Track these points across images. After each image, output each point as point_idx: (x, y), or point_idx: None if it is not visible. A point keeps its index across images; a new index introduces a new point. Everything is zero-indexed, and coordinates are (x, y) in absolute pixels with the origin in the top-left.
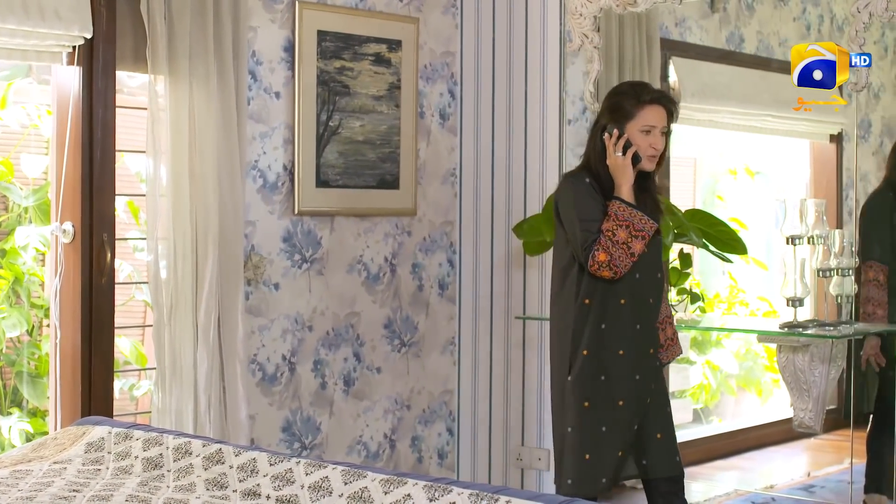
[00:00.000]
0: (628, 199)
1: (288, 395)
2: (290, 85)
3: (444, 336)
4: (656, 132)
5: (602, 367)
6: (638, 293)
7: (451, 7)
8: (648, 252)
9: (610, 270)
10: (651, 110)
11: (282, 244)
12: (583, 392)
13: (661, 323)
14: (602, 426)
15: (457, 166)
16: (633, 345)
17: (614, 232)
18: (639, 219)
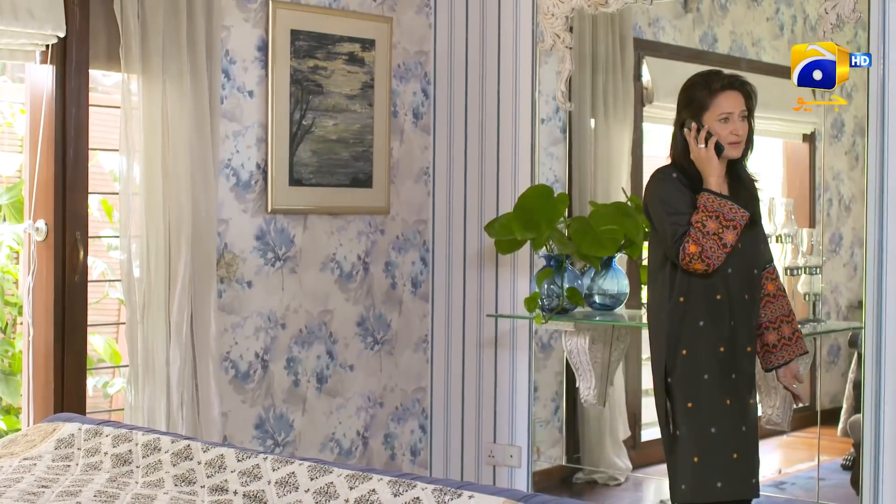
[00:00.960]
0: (717, 189)
1: (261, 393)
2: (264, 84)
3: (417, 334)
4: (735, 118)
5: (703, 366)
6: (733, 289)
7: (425, 7)
8: (742, 246)
9: (702, 263)
10: (725, 97)
11: (255, 242)
12: (686, 393)
13: (774, 322)
14: (711, 427)
15: (430, 165)
16: (730, 342)
17: (704, 223)
18: (729, 208)
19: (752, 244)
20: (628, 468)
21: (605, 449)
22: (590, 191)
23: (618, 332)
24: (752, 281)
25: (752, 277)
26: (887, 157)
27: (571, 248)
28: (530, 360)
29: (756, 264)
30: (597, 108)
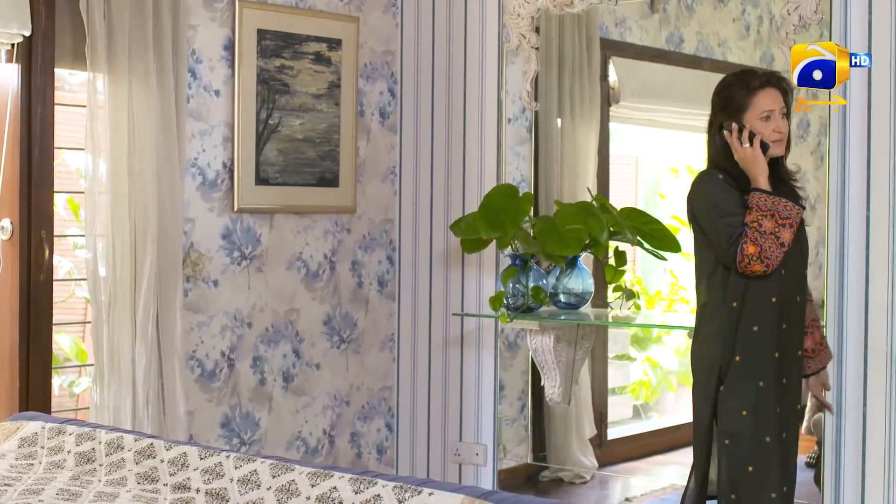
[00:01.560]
0: (766, 188)
1: (227, 392)
2: (230, 83)
3: (384, 332)
4: (776, 115)
5: (758, 372)
6: (787, 291)
7: (392, 6)
8: (794, 251)
9: (761, 264)
10: (764, 95)
11: (221, 241)
12: (740, 400)
13: (808, 326)
14: (766, 436)
15: (396, 164)
16: (783, 347)
17: (760, 222)
18: (783, 206)
19: (799, 246)
20: (594, 466)
21: (571, 447)
22: (556, 190)
23: (583, 330)
24: (801, 282)
25: (801, 278)
26: (848, 157)
27: (536, 248)
28: (496, 359)
29: (804, 265)
30: (563, 108)
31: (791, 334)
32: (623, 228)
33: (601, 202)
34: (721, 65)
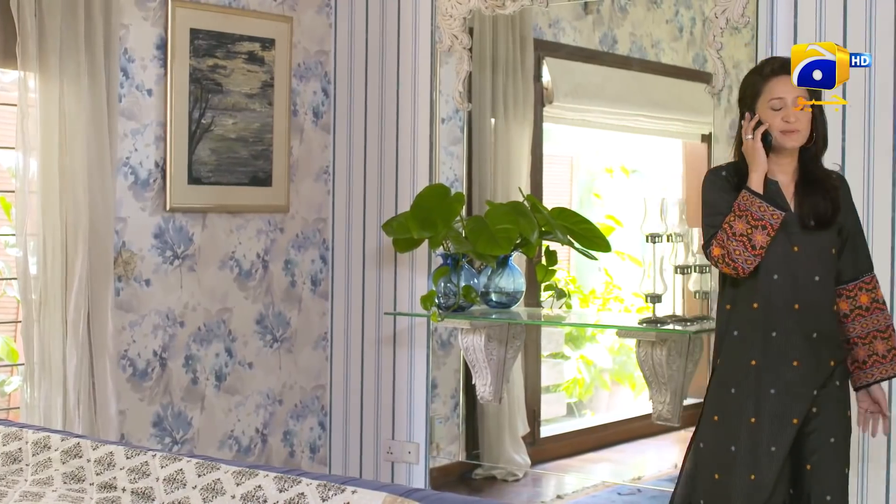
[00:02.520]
0: (756, 186)
1: (159, 391)
2: (163, 82)
3: (317, 331)
4: (788, 104)
5: (732, 378)
6: (777, 297)
7: (325, 6)
8: (798, 250)
9: (728, 266)
10: (777, 82)
11: (153, 240)
12: (713, 405)
13: (864, 337)
14: (731, 445)
15: (330, 164)
16: (766, 355)
17: (732, 224)
18: (758, 206)
19: (816, 249)
20: (527, 464)
21: (504, 445)
22: (490, 189)
23: (514, 329)
24: (809, 289)
25: (809, 285)
26: None
27: (467, 247)
28: (428, 358)
29: (819, 271)
30: (497, 108)
31: (783, 343)
32: (554, 228)
33: (532, 202)
34: (654, 66)
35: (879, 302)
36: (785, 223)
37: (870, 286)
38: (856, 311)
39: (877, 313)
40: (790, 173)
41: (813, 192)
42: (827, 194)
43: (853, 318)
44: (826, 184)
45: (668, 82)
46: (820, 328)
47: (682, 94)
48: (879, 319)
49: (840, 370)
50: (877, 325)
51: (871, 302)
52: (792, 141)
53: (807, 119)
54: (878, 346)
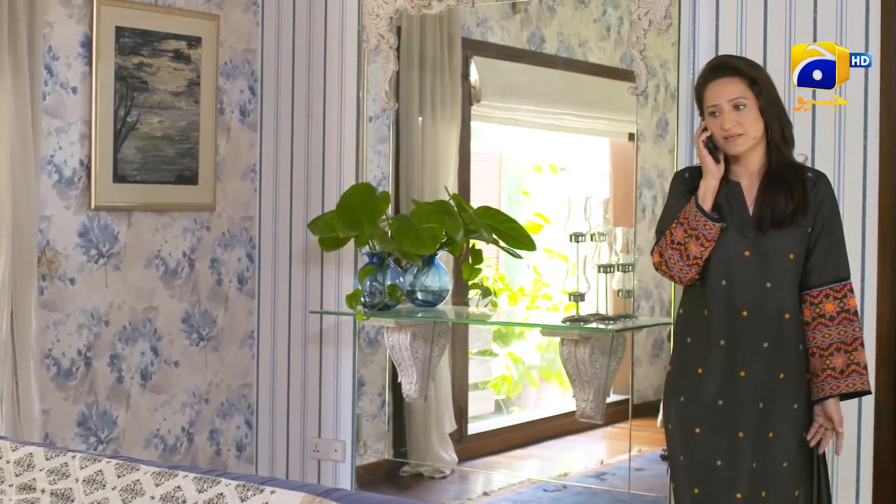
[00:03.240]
0: (702, 195)
1: (84, 390)
2: (88, 80)
3: (243, 330)
4: (724, 110)
5: (682, 386)
6: (727, 304)
7: (252, 5)
8: (751, 254)
9: (665, 274)
10: (712, 88)
11: (78, 239)
12: (667, 412)
13: (825, 349)
14: (681, 455)
15: (256, 162)
16: (713, 364)
17: (672, 231)
18: (693, 215)
19: (773, 253)
20: (454, 461)
21: (431, 442)
22: (417, 188)
23: (439, 328)
24: (759, 295)
25: (760, 291)
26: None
27: (393, 246)
28: (354, 356)
29: (773, 276)
30: (424, 107)
31: (730, 352)
32: (479, 227)
33: (458, 201)
34: (582, 65)
35: (850, 312)
36: (741, 226)
37: (839, 294)
38: (817, 319)
39: (844, 324)
40: (755, 173)
41: (774, 191)
42: (790, 193)
43: (813, 327)
44: (793, 182)
45: (596, 81)
46: (770, 338)
47: (610, 93)
48: (846, 331)
49: (796, 386)
50: (842, 336)
51: (838, 311)
52: (735, 147)
53: (751, 119)
54: (836, 359)
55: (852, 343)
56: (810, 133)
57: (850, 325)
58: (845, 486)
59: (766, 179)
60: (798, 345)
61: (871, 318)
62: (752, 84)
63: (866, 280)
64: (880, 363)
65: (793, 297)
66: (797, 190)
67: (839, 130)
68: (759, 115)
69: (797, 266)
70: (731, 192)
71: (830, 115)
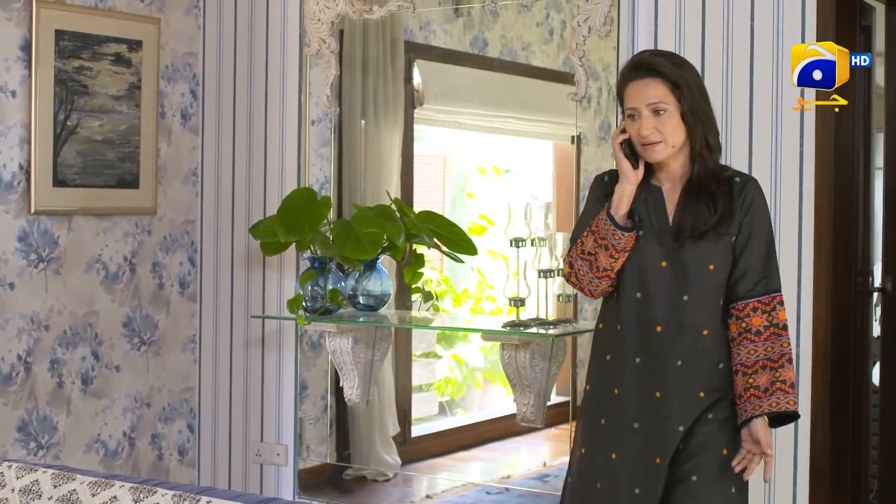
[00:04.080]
0: (616, 202)
1: (23, 395)
2: (27, 84)
3: (185, 334)
4: (642, 114)
5: (598, 407)
6: (641, 318)
7: (194, 8)
8: (667, 266)
9: (575, 286)
10: (631, 89)
11: (17, 244)
12: (580, 436)
13: (750, 366)
14: (597, 482)
15: (198, 166)
16: (629, 384)
17: (584, 241)
18: (604, 224)
19: (692, 264)
20: (397, 464)
21: (374, 445)
22: (360, 191)
23: (381, 332)
24: (675, 309)
25: (676, 305)
26: None
27: (334, 251)
28: (296, 360)
29: (691, 289)
30: (367, 110)
31: (646, 370)
32: (420, 232)
33: (399, 205)
34: (525, 68)
35: (779, 327)
36: (659, 234)
37: (768, 307)
38: (743, 335)
39: (772, 339)
40: (678, 179)
41: (696, 202)
42: (713, 204)
43: (739, 343)
44: (716, 192)
45: (539, 84)
46: (687, 355)
47: (553, 96)
48: (773, 347)
49: (721, 405)
50: (768, 352)
51: (766, 326)
52: (653, 155)
53: (672, 126)
54: (761, 377)
55: (779, 360)
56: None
57: (779, 340)
58: (782, 491)
59: (687, 190)
60: (718, 363)
61: (808, 324)
62: (675, 88)
63: (803, 286)
64: (816, 367)
65: (713, 311)
66: (721, 199)
67: (776, 134)
68: (681, 120)
69: (718, 278)
70: (651, 198)
71: (767, 121)
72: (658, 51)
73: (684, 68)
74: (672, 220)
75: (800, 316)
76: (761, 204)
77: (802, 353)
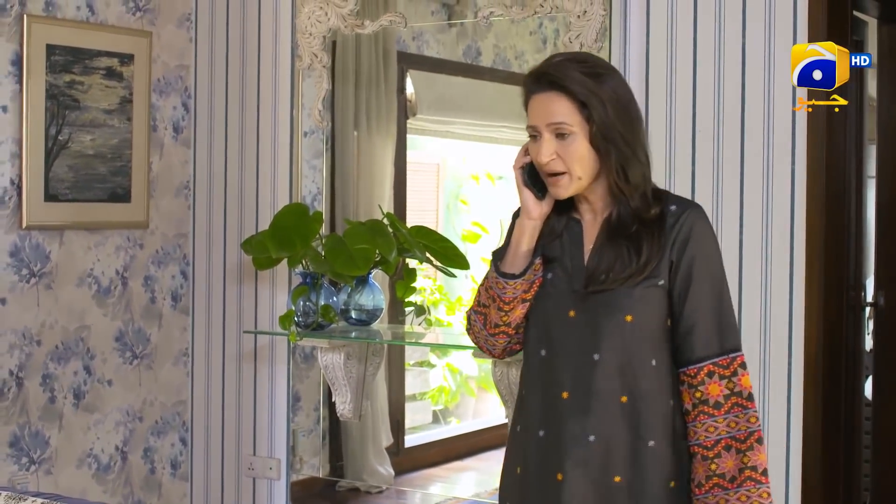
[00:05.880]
0: (513, 243)
1: (15, 411)
2: (18, 99)
3: (177, 347)
4: (544, 134)
5: (504, 488)
6: (545, 381)
7: (186, 21)
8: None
9: (475, 343)
10: (532, 103)
11: (9, 259)
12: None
13: (710, 447)
14: None
15: (190, 179)
16: (532, 462)
17: (480, 291)
18: (492, 272)
19: (606, 315)
20: (391, 475)
21: (367, 457)
22: (353, 201)
23: (373, 347)
24: (583, 372)
25: (583, 367)
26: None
27: (326, 267)
28: (289, 374)
29: (603, 346)
30: (360, 122)
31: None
32: (413, 247)
33: (392, 220)
34: (519, 77)
35: (743, 396)
36: (570, 277)
37: (727, 371)
38: (699, 407)
39: (736, 412)
40: (600, 211)
41: (614, 247)
42: (636, 245)
43: (695, 418)
44: (641, 233)
45: None
46: (600, 429)
47: None
48: (739, 422)
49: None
50: (732, 430)
51: (727, 395)
52: (556, 189)
53: (579, 153)
54: (725, 461)
55: (746, 439)
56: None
57: (744, 413)
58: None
59: (605, 230)
60: (648, 440)
61: (800, 340)
62: (583, 107)
63: (794, 302)
64: (807, 383)
65: (634, 372)
66: (647, 241)
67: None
68: (591, 147)
69: (642, 333)
70: (569, 233)
71: (759, 133)
72: (573, 55)
73: (601, 80)
74: (587, 260)
75: (791, 332)
76: (704, 238)
77: (794, 369)
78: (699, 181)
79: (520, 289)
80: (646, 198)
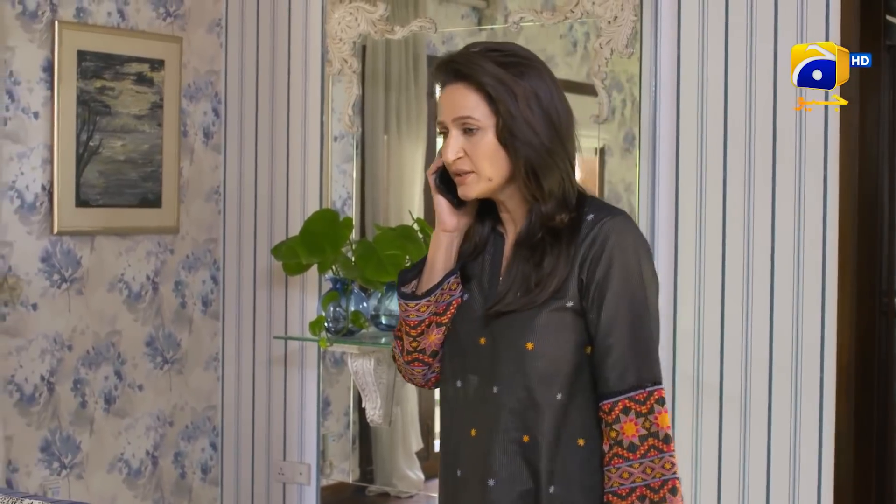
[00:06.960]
0: (428, 259)
1: (47, 416)
2: (50, 105)
3: (208, 352)
4: (452, 131)
5: None
6: (456, 417)
7: (216, 26)
8: (486, 345)
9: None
10: (442, 98)
11: (40, 264)
12: None
13: (624, 495)
14: None
15: (220, 184)
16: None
17: (399, 316)
18: (402, 300)
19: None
20: (421, 480)
21: (397, 461)
22: (382, 205)
23: None
24: (491, 405)
25: (490, 400)
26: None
27: (356, 273)
28: (319, 380)
29: (505, 374)
30: (389, 127)
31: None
32: None
33: (422, 225)
34: None
35: (659, 437)
36: (485, 300)
37: (643, 407)
38: (614, 449)
39: (652, 457)
40: (522, 219)
41: (521, 255)
42: (541, 256)
43: (609, 461)
44: (549, 236)
45: None
46: (501, 473)
47: (576, 109)
48: (654, 468)
49: None
50: (647, 477)
51: (644, 437)
52: (463, 188)
53: (485, 151)
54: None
55: (660, 489)
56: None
57: (660, 458)
58: None
59: (515, 242)
60: (549, 486)
61: (832, 348)
62: (491, 101)
63: (826, 309)
64: (839, 391)
65: (536, 408)
66: (550, 254)
67: (800, 145)
68: (500, 145)
69: (543, 361)
70: (493, 249)
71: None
72: (494, 44)
73: (518, 73)
74: (501, 279)
75: (824, 338)
76: (621, 252)
77: (826, 376)
78: (730, 186)
79: (425, 311)
80: (561, 205)
